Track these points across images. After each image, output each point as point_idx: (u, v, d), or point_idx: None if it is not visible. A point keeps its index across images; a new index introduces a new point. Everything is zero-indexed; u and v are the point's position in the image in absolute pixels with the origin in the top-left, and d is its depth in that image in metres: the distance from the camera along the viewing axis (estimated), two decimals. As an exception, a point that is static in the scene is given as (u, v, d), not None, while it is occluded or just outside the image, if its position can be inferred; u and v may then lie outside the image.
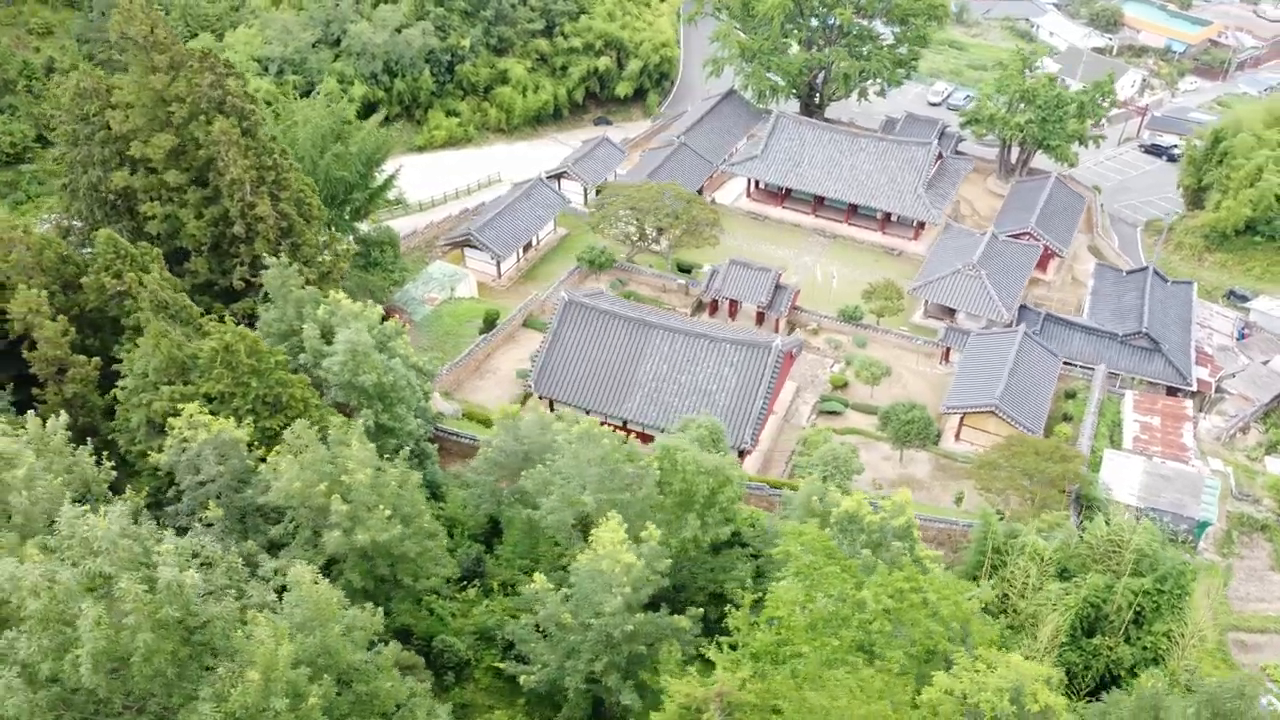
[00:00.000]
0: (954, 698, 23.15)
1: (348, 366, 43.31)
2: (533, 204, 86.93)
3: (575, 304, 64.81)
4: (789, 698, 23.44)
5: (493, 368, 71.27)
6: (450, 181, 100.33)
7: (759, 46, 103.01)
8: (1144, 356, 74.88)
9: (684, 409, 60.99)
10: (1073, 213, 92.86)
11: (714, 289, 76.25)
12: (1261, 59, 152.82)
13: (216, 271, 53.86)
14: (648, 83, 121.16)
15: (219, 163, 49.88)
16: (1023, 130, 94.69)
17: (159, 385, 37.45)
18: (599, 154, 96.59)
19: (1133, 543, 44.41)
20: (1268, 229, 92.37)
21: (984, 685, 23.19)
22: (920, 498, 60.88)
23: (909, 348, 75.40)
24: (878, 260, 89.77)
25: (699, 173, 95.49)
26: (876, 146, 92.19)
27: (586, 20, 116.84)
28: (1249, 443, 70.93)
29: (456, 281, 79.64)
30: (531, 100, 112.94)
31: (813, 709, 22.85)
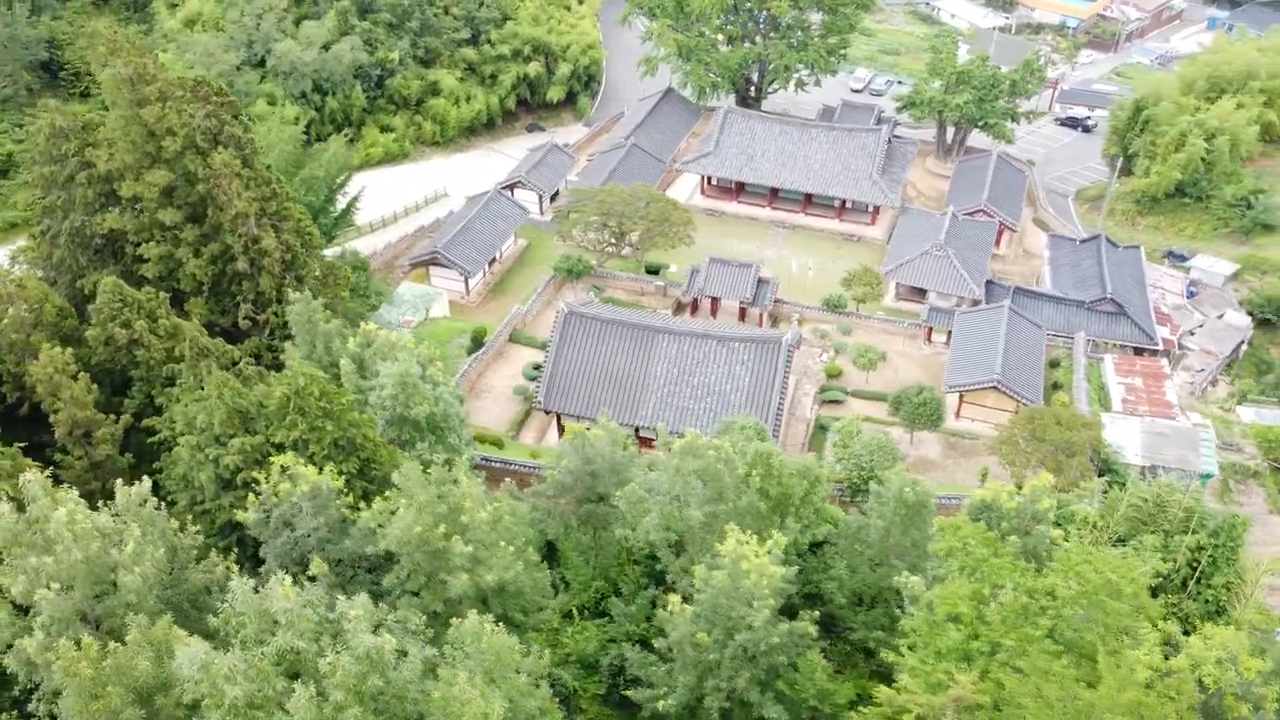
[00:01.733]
0: (1181, 673, 23.48)
1: (399, 399, 41.48)
2: (493, 217, 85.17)
3: (575, 315, 63.65)
4: (1025, 693, 23.30)
5: (487, 386, 69.48)
6: (394, 199, 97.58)
7: (695, 44, 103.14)
8: (1111, 321, 77.75)
9: (700, 411, 60.60)
10: (1017, 188, 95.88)
11: (696, 288, 75.98)
12: (1146, 29, 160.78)
13: (217, 311, 50.97)
14: (577, 86, 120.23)
15: (220, 197, 47.14)
16: (961, 111, 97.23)
17: (224, 439, 35.09)
18: (550, 161, 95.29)
19: (1179, 501, 45.83)
20: (1194, 190, 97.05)
21: (1203, 659, 23.61)
22: (938, 477, 61.91)
23: (892, 331, 76.58)
24: (839, 247, 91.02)
25: (653, 172, 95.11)
26: (828, 136, 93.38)
27: (512, 26, 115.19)
28: (1220, 395, 74.41)
29: (430, 302, 77.39)
30: (465, 110, 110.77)
31: (1049, 702, 22.78)
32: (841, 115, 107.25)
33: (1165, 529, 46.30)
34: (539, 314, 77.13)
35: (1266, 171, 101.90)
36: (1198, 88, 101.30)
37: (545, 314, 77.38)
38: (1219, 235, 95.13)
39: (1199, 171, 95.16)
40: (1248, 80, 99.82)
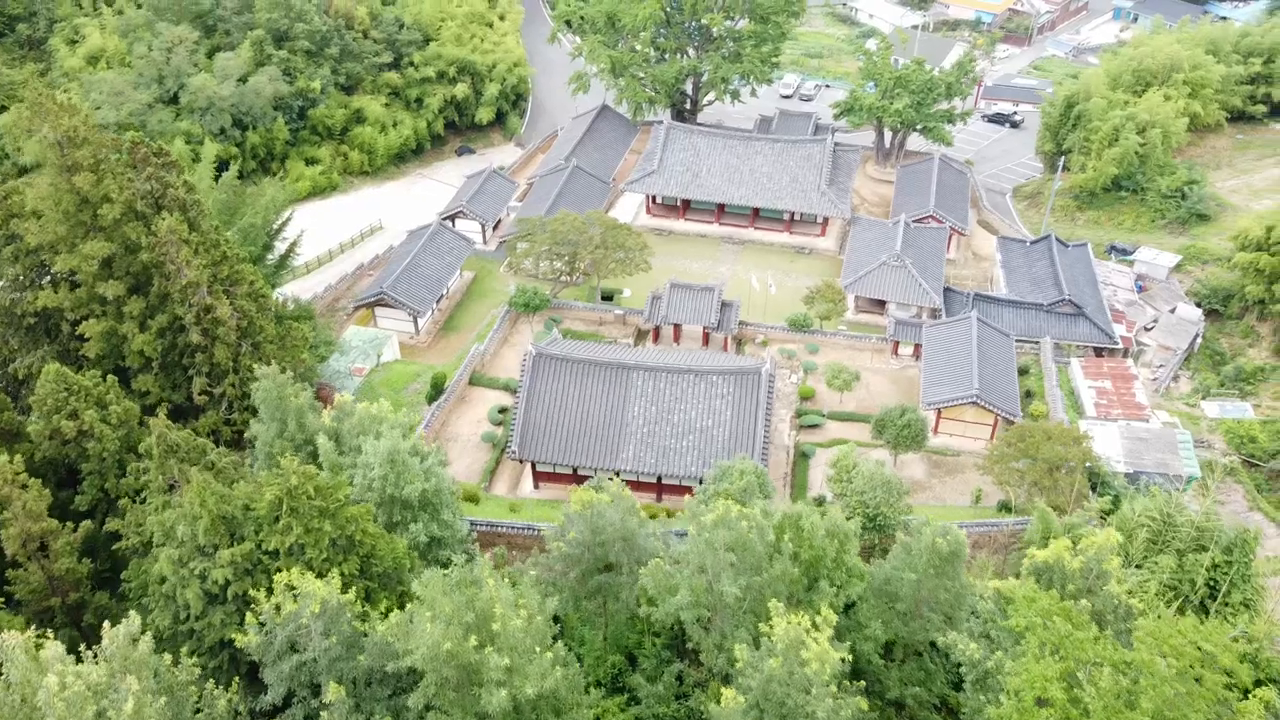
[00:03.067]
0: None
1: (389, 480, 38.34)
2: (438, 251, 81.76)
3: (544, 358, 60.85)
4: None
5: (452, 434, 66.17)
6: (328, 235, 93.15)
7: (628, 59, 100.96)
8: (1070, 322, 77.97)
9: (682, 450, 58.44)
10: (961, 191, 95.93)
11: (659, 315, 73.75)
12: (1056, 22, 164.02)
13: (168, 387, 46.91)
14: (506, 105, 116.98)
15: (167, 266, 43.24)
16: (901, 116, 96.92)
17: (209, 549, 31.61)
18: (490, 188, 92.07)
19: (1189, 518, 45.30)
20: (1130, 184, 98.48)
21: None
22: (926, 499, 60.87)
23: (859, 347, 75.48)
24: (792, 260, 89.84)
25: (598, 194, 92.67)
26: (773, 149, 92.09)
27: (435, 48, 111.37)
28: (1183, 390, 75.08)
29: (380, 346, 73.65)
30: (393, 137, 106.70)
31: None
32: (779, 124, 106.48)
33: (1177, 547, 45.76)
34: (496, 352, 74.04)
35: (1195, 161, 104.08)
36: (1124, 81, 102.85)
37: (503, 352, 74.45)
38: (1157, 227, 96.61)
39: (1134, 165, 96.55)
40: (1171, 73, 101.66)
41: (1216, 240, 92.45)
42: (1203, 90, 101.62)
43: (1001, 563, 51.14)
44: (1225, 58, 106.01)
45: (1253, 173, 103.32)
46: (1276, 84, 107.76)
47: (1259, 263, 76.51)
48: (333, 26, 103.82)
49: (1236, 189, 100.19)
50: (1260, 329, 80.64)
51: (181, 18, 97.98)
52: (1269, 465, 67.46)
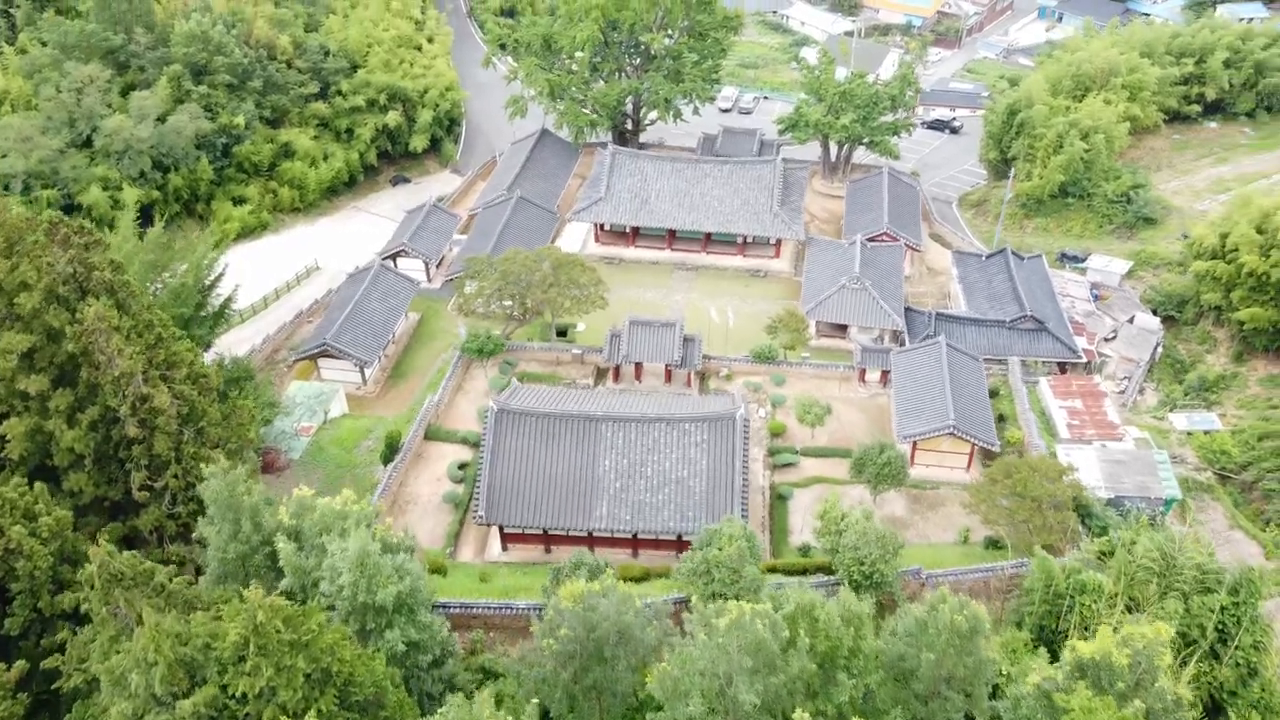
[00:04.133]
0: None
1: (360, 586, 35.00)
2: (382, 295, 77.94)
3: (507, 414, 57.65)
4: None
5: (410, 496, 62.56)
6: (262, 279, 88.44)
7: (567, 82, 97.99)
8: (1033, 338, 77.16)
9: (658, 504, 55.75)
10: (912, 204, 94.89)
11: (620, 354, 70.95)
12: (984, 23, 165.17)
13: (103, 483, 42.80)
14: (440, 131, 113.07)
15: (97, 356, 39.22)
16: (848, 131, 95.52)
17: (166, 698, 28.04)
18: (432, 223, 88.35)
19: (1191, 558, 43.99)
20: (1076, 190, 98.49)
21: None
22: (910, 537, 58.95)
23: (826, 375, 73.57)
24: (747, 285, 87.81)
25: (544, 225, 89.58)
26: (722, 171, 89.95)
27: (363, 75, 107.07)
28: (1150, 403, 74.67)
29: (326, 401, 69.70)
30: (324, 171, 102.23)
31: None
32: (723, 142, 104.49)
33: (1181, 589, 44.42)
34: (450, 402, 70.54)
35: (1136, 163, 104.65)
36: (1064, 87, 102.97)
37: (458, 401, 70.98)
38: (1105, 232, 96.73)
39: (1079, 171, 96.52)
40: (1110, 77, 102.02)
41: (1165, 244, 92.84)
42: (1140, 93, 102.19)
43: (1000, 609, 49.41)
44: (1159, 59, 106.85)
45: (1192, 173, 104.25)
46: (1209, 83, 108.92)
47: (1215, 271, 76.44)
48: (254, 58, 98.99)
49: (1179, 190, 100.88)
50: (1217, 334, 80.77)
51: (91, 55, 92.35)
52: (1241, 478, 67.20)
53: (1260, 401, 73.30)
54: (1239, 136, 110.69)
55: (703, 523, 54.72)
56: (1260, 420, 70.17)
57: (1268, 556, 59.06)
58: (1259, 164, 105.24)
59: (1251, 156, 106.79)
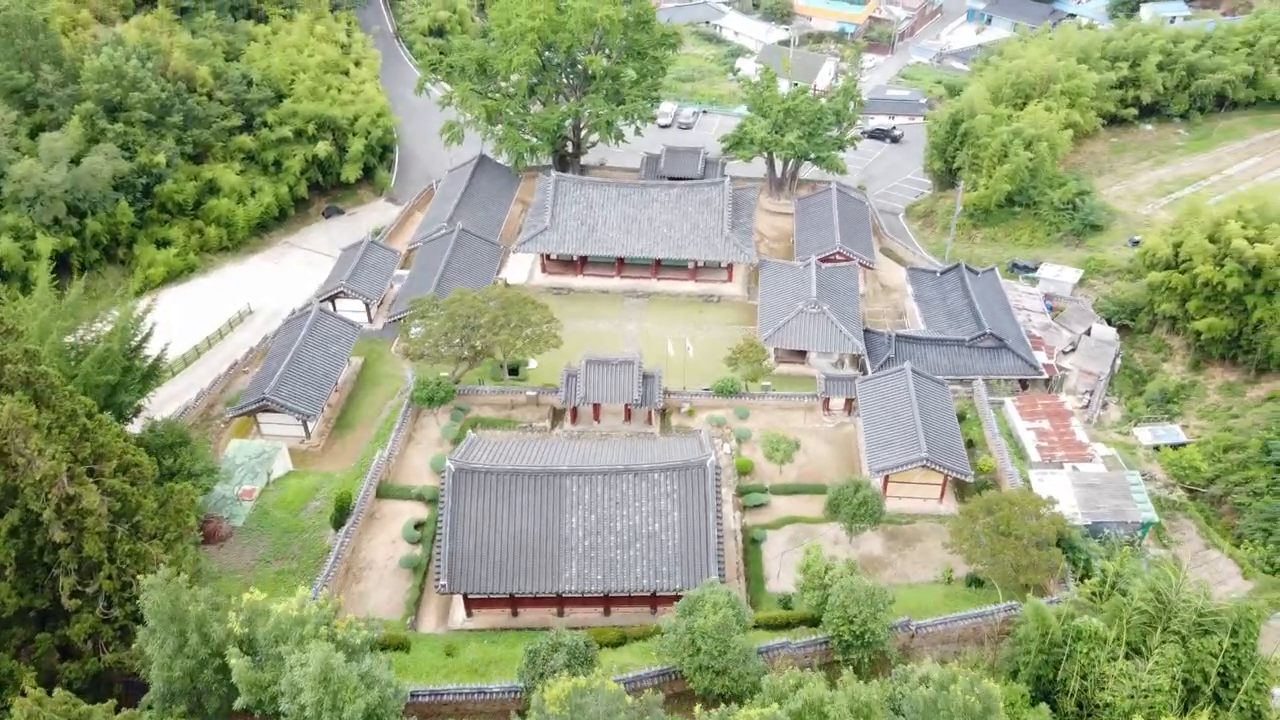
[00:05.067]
0: None
1: (324, 704, 31.82)
2: (322, 340, 74.08)
3: (466, 473, 54.51)
4: None
5: (366, 561, 59.01)
6: (192, 327, 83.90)
7: (504, 107, 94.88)
8: (994, 356, 76.32)
9: (629, 561, 53.10)
10: (863, 220, 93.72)
11: (578, 395, 68.17)
12: (914, 27, 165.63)
13: (28, 591, 38.86)
14: (373, 159, 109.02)
15: (14, 458, 35.40)
16: (794, 148, 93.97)
17: None
18: (371, 261, 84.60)
19: (1186, 600, 42.71)
20: (1023, 198, 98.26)
21: None
22: (890, 577, 57.23)
23: (790, 406, 71.61)
24: (701, 311, 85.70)
25: (488, 258, 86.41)
26: (669, 194, 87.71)
27: (289, 104, 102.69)
28: (1114, 418, 74.13)
29: (269, 461, 65.71)
30: (253, 207, 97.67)
31: None
32: (667, 161, 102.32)
33: (1180, 631, 43.11)
34: (402, 454, 67.09)
35: (1078, 169, 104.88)
36: (1004, 95, 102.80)
37: (409, 453, 67.55)
38: (1053, 240, 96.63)
39: (1025, 180, 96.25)
40: (1049, 84, 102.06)
41: (1113, 250, 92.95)
42: (1079, 99, 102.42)
43: (993, 655, 47.75)
44: (1095, 64, 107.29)
45: (1133, 177, 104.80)
46: (1144, 87, 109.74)
47: (1171, 281, 76.23)
48: (173, 91, 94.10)
49: (1122, 195, 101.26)
50: (1172, 342, 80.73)
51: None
52: (1209, 491, 66.80)
53: (1220, 411, 73.22)
54: (1174, 138, 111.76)
55: (678, 578, 52.47)
56: (1223, 431, 69.99)
57: (1245, 575, 58.51)
58: (1196, 165, 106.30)
59: (1188, 158, 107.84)
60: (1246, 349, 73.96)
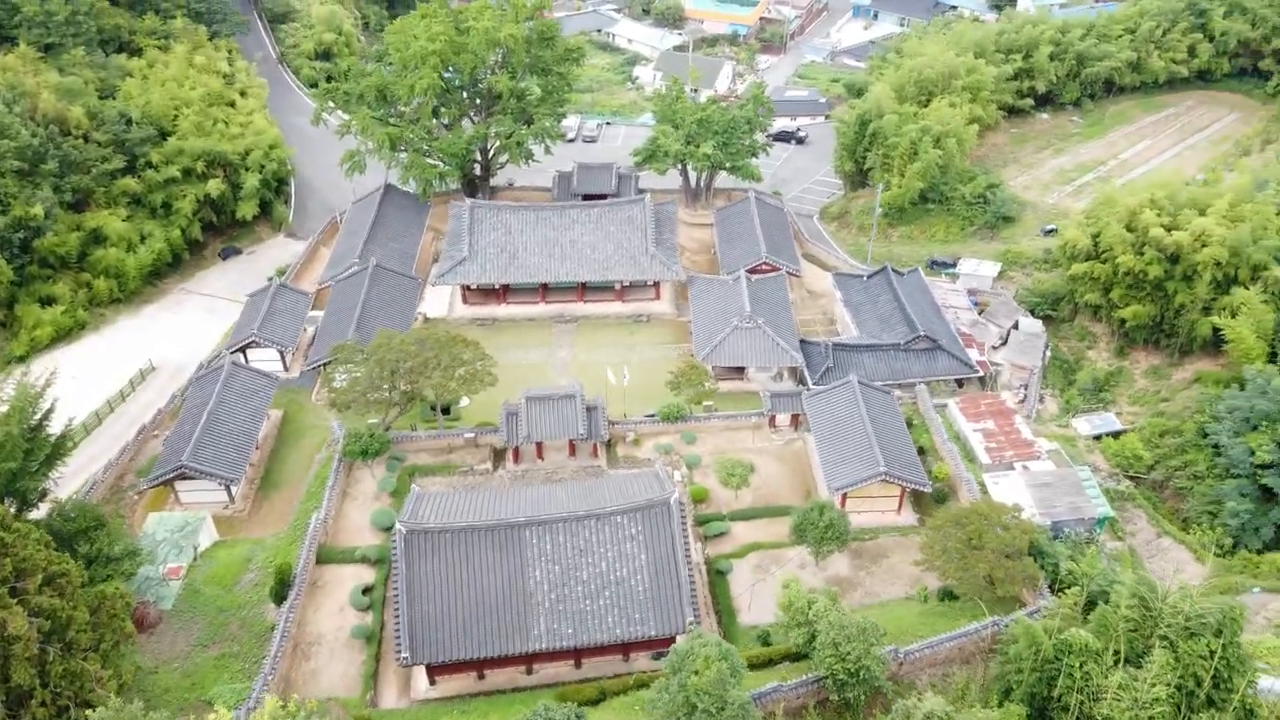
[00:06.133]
0: None
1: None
2: (239, 396, 69.47)
3: (418, 534, 51.31)
4: None
5: (313, 635, 55.11)
6: (89, 391, 77.98)
7: (409, 133, 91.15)
8: (930, 358, 76.43)
9: (599, 611, 50.73)
10: (784, 228, 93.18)
11: (520, 434, 65.39)
12: (804, 25, 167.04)
13: (-50, 730, 34.43)
14: (269, 194, 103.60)
15: (-75, 588, 31.16)
16: (710, 159, 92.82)
17: None
18: (281, 305, 79.94)
19: (1174, 606, 42.68)
20: (935, 195, 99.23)
21: None
22: (860, 598, 56.33)
23: (737, 426, 70.22)
24: (632, 332, 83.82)
25: (408, 293, 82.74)
26: (590, 215, 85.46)
27: (175, 142, 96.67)
28: (1052, 411, 74.97)
29: (193, 533, 61.09)
30: (144, 255, 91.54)
31: None
32: (580, 179, 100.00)
33: (1167, 635, 43.04)
34: (339, 512, 63.25)
35: (983, 162, 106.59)
36: (908, 93, 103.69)
37: (347, 511, 63.77)
38: (968, 234, 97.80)
39: (936, 177, 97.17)
40: (951, 80, 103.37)
41: (1027, 241, 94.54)
42: (980, 93, 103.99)
43: (983, 677, 47.06)
44: (991, 58, 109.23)
45: (1036, 166, 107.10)
46: (1038, 77, 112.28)
47: (1094, 272, 77.56)
48: (45, 136, 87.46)
49: (1029, 185, 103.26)
50: (1095, 329, 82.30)
51: None
52: (1150, 477, 67.99)
53: (1150, 395, 74.81)
54: (1070, 125, 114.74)
55: (651, 624, 50.44)
56: (1156, 416, 71.40)
57: (1199, 560, 59.54)
58: (1093, 151, 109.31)
59: (1085, 145, 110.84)
60: (1169, 333, 75.77)
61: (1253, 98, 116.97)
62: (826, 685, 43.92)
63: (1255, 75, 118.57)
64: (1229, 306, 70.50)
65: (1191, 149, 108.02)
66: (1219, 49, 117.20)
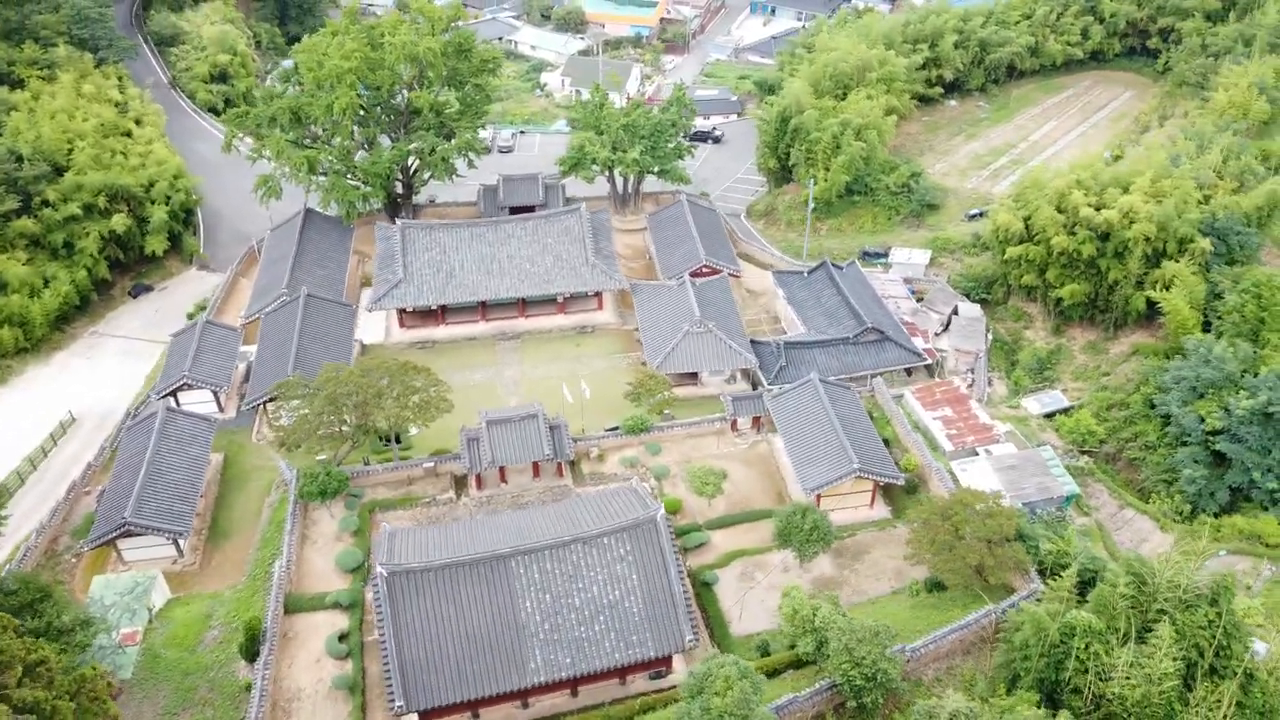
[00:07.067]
0: None
1: None
2: (177, 444, 65.65)
3: (400, 575, 49.11)
4: None
5: (292, 691, 52.24)
6: (4, 450, 72.84)
7: (326, 154, 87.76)
8: (879, 350, 77.18)
9: (595, 637, 49.39)
10: (718, 229, 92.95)
11: (484, 459, 63.41)
12: (704, 24, 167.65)
13: None
14: (177, 225, 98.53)
15: (-101, 697, 28.02)
16: (639, 164, 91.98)
17: None
18: (210, 344, 75.87)
19: (1169, 578, 43.66)
20: (859, 186, 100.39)
21: None
22: (849, 596, 56.25)
23: (699, 433, 69.57)
24: (577, 344, 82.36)
25: (343, 321, 79.55)
26: (525, 229, 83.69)
27: (73, 177, 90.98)
28: (1001, 393, 76.42)
29: (144, 594, 57.50)
30: (49, 300, 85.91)
31: None
32: (506, 191, 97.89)
33: (1164, 610, 43.97)
34: (300, 558, 60.27)
35: (901, 151, 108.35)
36: (825, 88, 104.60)
37: (309, 556, 60.85)
38: (894, 224, 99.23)
39: (860, 169, 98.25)
40: (865, 73, 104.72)
41: (953, 227, 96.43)
42: (894, 84, 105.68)
43: (988, 665, 47.39)
44: (900, 48, 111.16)
45: (952, 153, 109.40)
46: (945, 65, 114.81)
47: (1028, 254, 79.33)
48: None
49: (947, 172, 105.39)
50: (1030, 310, 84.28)
51: None
52: (1103, 450, 69.83)
53: (1091, 370, 76.95)
54: (977, 111, 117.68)
55: (650, 646, 49.41)
56: (1100, 391, 73.43)
57: (1163, 529, 61.32)
58: (1003, 135, 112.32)
59: (994, 129, 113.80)
60: (1104, 309, 78.06)
61: (1143, 75, 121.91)
62: (843, 691, 43.56)
63: (1144, 54, 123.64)
64: (1160, 280, 72.93)
65: (1094, 127, 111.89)
66: (1109, 30, 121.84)
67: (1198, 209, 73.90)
